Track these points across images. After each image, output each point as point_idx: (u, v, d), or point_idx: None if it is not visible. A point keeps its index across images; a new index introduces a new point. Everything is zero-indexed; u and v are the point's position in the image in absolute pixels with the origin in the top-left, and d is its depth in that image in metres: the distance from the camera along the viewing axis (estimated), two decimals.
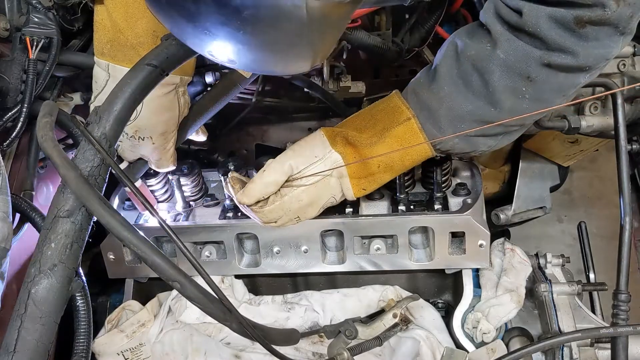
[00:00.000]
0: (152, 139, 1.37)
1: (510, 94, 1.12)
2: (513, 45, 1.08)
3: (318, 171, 1.27)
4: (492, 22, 1.10)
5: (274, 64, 0.90)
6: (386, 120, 1.27)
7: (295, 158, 1.28)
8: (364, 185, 1.31)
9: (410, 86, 1.28)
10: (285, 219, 1.32)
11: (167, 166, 1.47)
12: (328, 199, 1.32)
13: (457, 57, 1.17)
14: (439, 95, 1.19)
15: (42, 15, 1.33)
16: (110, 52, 1.28)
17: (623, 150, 1.28)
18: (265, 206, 1.29)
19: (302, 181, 1.27)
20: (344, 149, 1.27)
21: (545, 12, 1.01)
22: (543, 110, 1.14)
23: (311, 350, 1.48)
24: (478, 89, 1.14)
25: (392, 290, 1.51)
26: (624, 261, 1.28)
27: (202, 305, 0.95)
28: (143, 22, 1.24)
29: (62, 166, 0.92)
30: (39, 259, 0.93)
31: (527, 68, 1.08)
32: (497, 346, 1.38)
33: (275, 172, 1.27)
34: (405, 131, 1.24)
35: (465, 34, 1.18)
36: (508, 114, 1.14)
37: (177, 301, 1.52)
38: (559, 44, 1.03)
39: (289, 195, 1.28)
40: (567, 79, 1.09)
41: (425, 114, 1.22)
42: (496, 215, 1.80)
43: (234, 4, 0.77)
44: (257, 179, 1.28)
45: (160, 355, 1.50)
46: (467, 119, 1.17)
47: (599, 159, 2.21)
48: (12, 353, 0.88)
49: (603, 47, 1.04)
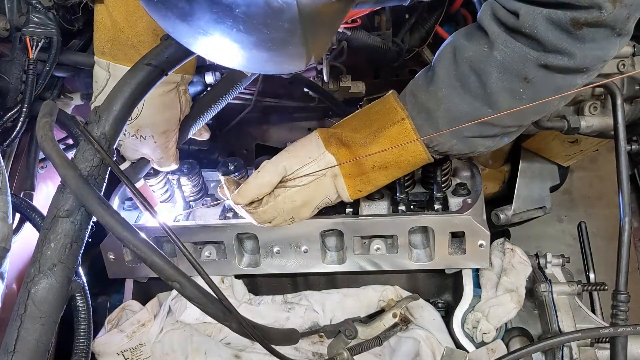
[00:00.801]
0: (153, 137, 1.37)
1: (508, 95, 1.12)
2: (510, 47, 1.08)
3: (311, 172, 1.27)
4: (489, 23, 1.10)
5: (268, 63, 0.90)
6: (381, 121, 1.27)
7: (289, 159, 1.29)
8: (359, 187, 1.31)
9: (409, 87, 1.28)
10: (279, 220, 1.32)
11: (169, 165, 1.47)
12: (322, 200, 1.32)
13: (455, 59, 1.17)
14: (437, 96, 1.19)
15: (42, 15, 1.33)
16: (111, 51, 1.28)
17: (622, 151, 1.28)
18: (259, 207, 1.30)
19: (296, 182, 1.28)
20: (338, 150, 1.28)
21: (542, 14, 1.01)
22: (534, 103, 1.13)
23: (311, 350, 1.48)
24: (475, 91, 1.15)
25: (392, 290, 1.51)
26: (623, 262, 1.28)
27: (201, 305, 0.95)
28: (143, 21, 1.25)
29: (62, 166, 0.92)
30: (39, 259, 0.93)
31: (524, 69, 1.08)
32: (497, 346, 1.38)
33: (269, 173, 1.28)
34: (399, 131, 1.25)
35: (463, 36, 1.19)
36: (506, 115, 1.14)
37: (177, 301, 1.52)
38: (556, 45, 1.03)
39: (282, 196, 1.29)
40: (565, 80, 1.09)
41: (423, 116, 1.22)
42: (496, 215, 1.80)
43: (226, 2, 0.77)
44: (252, 180, 1.29)
45: (160, 355, 1.50)
46: (464, 120, 1.17)
47: (599, 159, 2.21)
48: (12, 353, 0.88)
49: (600, 48, 1.04)
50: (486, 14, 1.11)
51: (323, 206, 1.34)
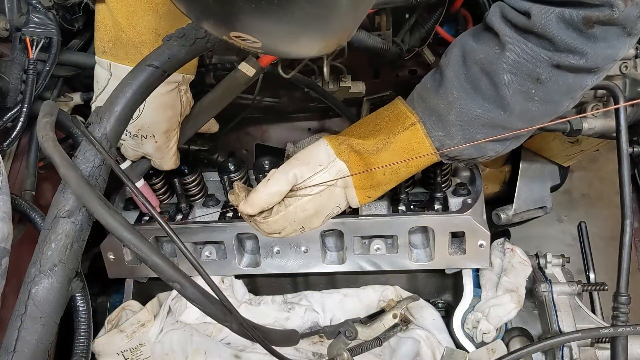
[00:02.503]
0: (154, 137, 1.37)
1: (520, 97, 1.12)
2: (522, 47, 1.08)
3: (323, 180, 1.23)
4: (499, 24, 1.10)
5: (301, 44, 0.85)
6: (391, 127, 1.25)
7: (299, 167, 1.24)
8: (369, 193, 1.29)
9: (417, 91, 1.27)
10: (289, 230, 1.27)
11: (170, 165, 1.47)
12: (333, 209, 1.28)
13: (465, 61, 1.16)
14: (448, 99, 1.18)
15: (42, 15, 1.33)
16: (112, 50, 1.28)
17: (625, 154, 1.28)
18: (269, 217, 1.23)
19: (307, 190, 1.23)
20: (349, 157, 1.25)
21: (554, 13, 1.01)
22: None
23: (311, 351, 1.48)
24: (487, 93, 1.14)
25: (392, 291, 1.51)
26: (624, 264, 1.28)
27: (202, 306, 0.95)
28: (145, 20, 1.25)
29: (63, 166, 0.92)
30: (39, 259, 0.93)
31: (537, 69, 1.08)
32: (497, 346, 1.38)
33: (279, 182, 1.22)
34: (411, 136, 1.23)
35: (471, 37, 1.18)
36: (518, 117, 1.14)
37: (177, 301, 1.52)
38: (568, 44, 1.03)
39: (293, 205, 1.23)
40: (576, 80, 1.09)
41: (434, 119, 1.21)
42: (496, 215, 1.80)
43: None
44: (261, 189, 1.22)
45: (160, 355, 1.50)
46: (476, 123, 1.17)
47: (599, 159, 2.21)
48: (12, 353, 0.88)
49: (611, 47, 1.04)
50: (496, 15, 1.11)
51: (333, 215, 1.30)
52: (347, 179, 1.25)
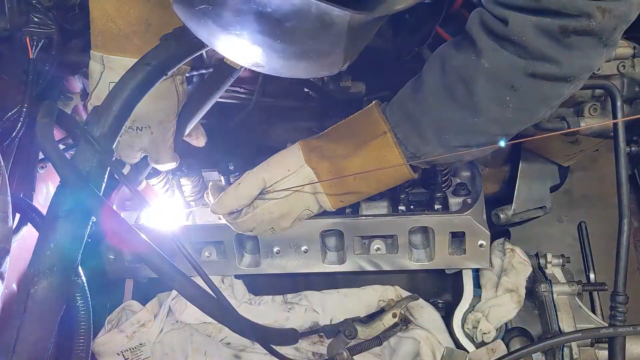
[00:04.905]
0: (150, 128, 1.35)
1: (495, 104, 1.12)
2: (498, 55, 1.07)
3: (290, 185, 1.27)
4: (477, 31, 1.10)
5: (304, 70, 0.91)
6: (364, 134, 1.26)
7: (269, 171, 1.29)
8: (341, 198, 1.31)
9: (397, 96, 1.27)
10: (259, 229, 1.33)
11: (168, 162, 1.45)
12: (302, 212, 1.31)
13: (443, 68, 1.17)
14: (424, 105, 1.19)
15: (42, 15, 1.33)
16: (103, 42, 1.26)
17: (622, 153, 1.28)
18: (238, 217, 1.30)
19: (274, 195, 1.28)
20: (318, 164, 1.26)
21: (531, 21, 1.01)
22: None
23: (311, 350, 1.48)
24: (463, 100, 1.14)
25: (392, 290, 1.51)
26: (622, 263, 1.28)
27: (201, 306, 0.95)
28: (135, 10, 1.23)
29: (62, 166, 0.92)
30: (39, 259, 0.93)
31: (511, 77, 1.08)
32: (497, 346, 1.38)
33: (248, 186, 1.28)
34: (381, 144, 1.23)
35: (452, 44, 1.18)
36: (492, 124, 1.14)
37: (177, 301, 1.52)
38: (544, 53, 1.03)
39: (260, 208, 1.28)
40: (552, 89, 1.09)
41: (410, 125, 1.21)
42: (496, 215, 1.79)
43: (276, 16, 0.78)
44: (231, 191, 1.29)
45: (160, 355, 1.50)
46: (452, 129, 1.17)
47: (599, 159, 2.20)
48: (12, 353, 0.88)
49: (586, 57, 1.04)
50: (474, 22, 1.11)
51: (305, 217, 1.33)
52: (317, 184, 1.27)
